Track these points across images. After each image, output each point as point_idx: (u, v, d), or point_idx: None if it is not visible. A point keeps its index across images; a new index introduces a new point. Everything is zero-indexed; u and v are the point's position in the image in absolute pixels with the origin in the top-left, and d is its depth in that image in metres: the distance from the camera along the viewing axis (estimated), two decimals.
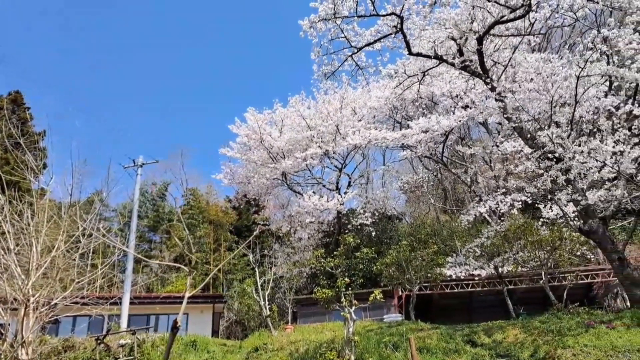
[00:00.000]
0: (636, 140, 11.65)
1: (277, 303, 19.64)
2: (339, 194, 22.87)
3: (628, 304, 13.53)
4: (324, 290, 13.31)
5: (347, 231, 22.66)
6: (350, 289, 13.31)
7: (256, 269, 16.75)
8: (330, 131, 22.18)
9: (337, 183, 24.27)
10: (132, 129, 67.56)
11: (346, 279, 13.23)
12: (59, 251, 8.50)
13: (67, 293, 8.81)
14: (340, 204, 21.98)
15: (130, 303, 16.26)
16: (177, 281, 26.10)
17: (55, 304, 8.69)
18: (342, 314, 12.32)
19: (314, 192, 22.92)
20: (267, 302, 16.09)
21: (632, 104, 11.82)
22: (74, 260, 9.97)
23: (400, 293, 19.31)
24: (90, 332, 15.72)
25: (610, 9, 11.86)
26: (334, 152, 22.97)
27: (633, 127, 11.82)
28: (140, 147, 64.93)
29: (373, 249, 17.45)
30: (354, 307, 12.27)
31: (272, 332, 15.18)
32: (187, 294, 4.89)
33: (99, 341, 11.95)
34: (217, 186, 32.42)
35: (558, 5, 12.83)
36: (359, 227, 22.46)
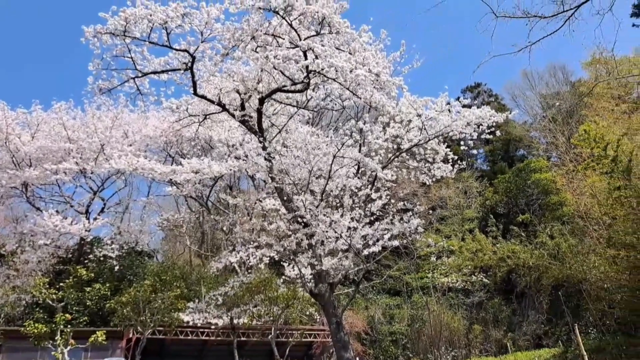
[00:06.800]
0: (367, 220, 13.63)
1: None
2: (88, 219, 20.67)
3: None
4: (36, 324, 11.58)
5: (87, 261, 20.46)
6: (70, 325, 11.85)
7: None
8: (94, 149, 20.24)
9: (89, 206, 21.96)
10: None
11: (67, 314, 11.77)
12: None
13: None
14: (86, 230, 19.83)
15: None
16: None
17: None
18: (53, 353, 10.82)
19: (57, 211, 20.21)
20: None
21: (370, 189, 13.89)
22: None
23: (131, 335, 18.01)
24: None
25: (369, 107, 13.95)
26: (92, 172, 20.91)
27: (367, 209, 13.83)
28: None
29: (108, 285, 16.04)
30: (69, 347, 10.93)
31: None
32: None
33: None
34: None
35: (331, 92, 14.68)
36: (101, 258, 20.48)
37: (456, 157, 14.59)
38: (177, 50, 12.50)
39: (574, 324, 18.32)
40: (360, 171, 14.53)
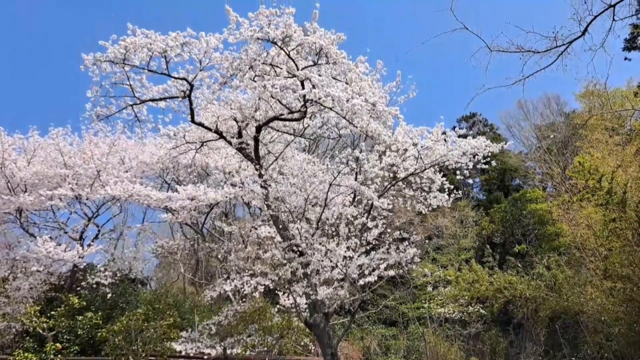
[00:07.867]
0: (363, 249, 13.56)
1: None
2: (82, 246, 20.44)
3: None
4: (26, 354, 11.36)
5: (79, 288, 20.17)
6: (61, 355, 11.60)
7: None
8: (90, 175, 20.19)
9: (83, 233, 21.77)
10: None
11: (58, 344, 11.55)
12: None
13: None
14: (80, 257, 19.58)
15: None
16: None
17: None
18: None
19: (51, 237, 20.01)
20: None
21: (367, 218, 13.87)
22: None
23: None
24: None
25: (365, 136, 14.06)
26: (87, 198, 20.81)
27: (363, 238, 13.78)
28: None
29: (101, 313, 15.78)
30: None
31: None
32: None
33: None
34: None
35: (328, 121, 14.79)
36: (94, 285, 20.20)
37: (452, 187, 14.64)
38: (175, 78, 12.62)
39: (572, 356, 18.08)
40: (356, 199, 14.54)
